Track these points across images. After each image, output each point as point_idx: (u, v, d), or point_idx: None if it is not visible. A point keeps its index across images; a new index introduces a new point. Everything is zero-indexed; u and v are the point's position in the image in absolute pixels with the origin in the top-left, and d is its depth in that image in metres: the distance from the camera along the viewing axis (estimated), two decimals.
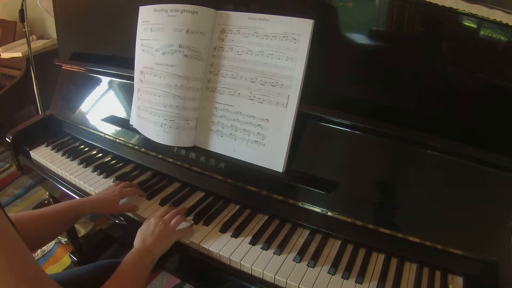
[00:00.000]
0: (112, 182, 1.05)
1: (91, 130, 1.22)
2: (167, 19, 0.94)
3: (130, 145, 1.12)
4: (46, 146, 1.27)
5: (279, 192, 0.89)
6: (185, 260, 0.89)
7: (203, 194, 1.02)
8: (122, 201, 0.96)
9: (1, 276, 0.49)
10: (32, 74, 1.53)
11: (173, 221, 0.86)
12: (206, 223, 0.90)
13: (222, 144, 0.95)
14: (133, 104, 1.08)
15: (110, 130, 1.16)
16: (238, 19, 0.90)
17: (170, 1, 0.93)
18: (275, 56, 0.86)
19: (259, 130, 0.89)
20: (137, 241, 0.81)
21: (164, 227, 0.83)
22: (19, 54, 2.05)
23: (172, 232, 0.84)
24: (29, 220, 0.80)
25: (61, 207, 0.87)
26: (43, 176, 1.18)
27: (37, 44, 2.12)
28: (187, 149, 0.99)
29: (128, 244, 0.79)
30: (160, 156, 1.05)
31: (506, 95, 0.74)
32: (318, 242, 0.85)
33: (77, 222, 0.99)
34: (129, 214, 0.96)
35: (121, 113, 1.16)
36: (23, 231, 0.76)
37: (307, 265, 0.78)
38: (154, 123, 0.99)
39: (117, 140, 1.15)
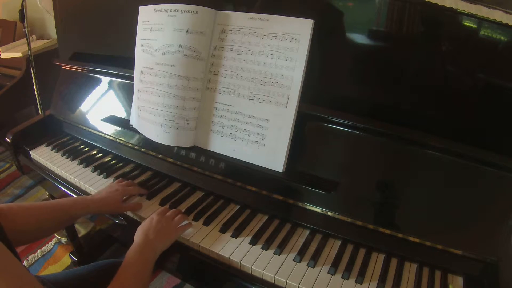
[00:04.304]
0: (112, 182, 1.05)
1: (91, 130, 1.22)
2: (167, 19, 0.94)
3: (130, 145, 1.12)
4: (46, 146, 1.27)
5: (279, 192, 0.89)
6: (185, 260, 0.89)
7: (203, 194, 1.02)
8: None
9: None
10: (32, 74, 1.53)
11: (176, 218, 0.87)
12: (206, 223, 0.90)
13: (222, 144, 0.95)
14: (133, 104, 1.08)
15: (110, 130, 1.16)
16: (238, 19, 0.90)
17: (170, 1, 0.93)
18: (275, 56, 0.85)
19: (259, 130, 0.89)
20: (138, 237, 0.80)
21: (167, 223, 0.84)
22: (19, 54, 2.05)
23: (174, 228, 0.84)
24: (30, 213, 0.80)
25: (64, 203, 0.87)
26: (43, 176, 1.18)
27: (37, 44, 2.12)
28: (187, 149, 0.99)
29: (128, 244, 0.78)
30: (160, 156, 1.05)
31: (506, 95, 0.74)
32: (318, 242, 0.85)
33: (76, 222, 0.99)
34: (129, 214, 0.96)
35: (121, 113, 1.16)
36: (24, 223, 0.78)
37: (307, 265, 0.78)
38: (154, 123, 0.99)
39: (117, 140, 1.15)
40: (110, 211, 0.94)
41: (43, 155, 1.22)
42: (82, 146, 1.26)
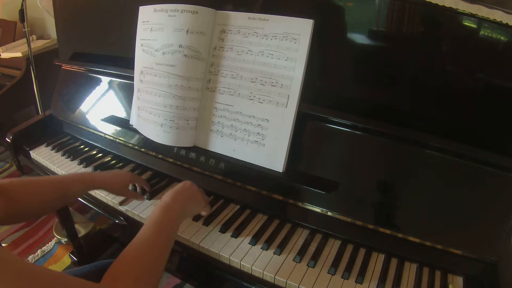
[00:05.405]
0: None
1: (91, 130, 1.23)
2: (167, 19, 0.94)
3: (130, 145, 1.12)
4: (46, 146, 1.27)
5: (279, 192, 0.89)
6: (185, 260, 0.89)
7: None
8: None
9: None
10: (32, 74, 1.53)
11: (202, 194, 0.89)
12: (206, 223, 0.90)
13: (222, 144, 0.95)
14: (133, 104, 1.08)
15: (110, 130, 1.16)
16: (238, 19, 0.90)
17: (170, 1, 0.94)
18: (275, 56, 0.85)
19: (259, 130, 0.89)
20: (167, 195, 0.77)
21: (198, 192, 0.85)
22: (19, 54, 2.04)
23: (202, 197, 0.86)
24: (33, 188, 0.79)
25: (69, 177, 0.87)
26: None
27: (37, 44, 2.12)
28: (187, 149, 0.99)
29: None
30: (160, 156, 1.05)
31: (506, 95, 0.74)
32: (318, 242, 0.85)
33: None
34: (129, 214, 0.96)
35: (121, 113, 1.16)
36: (26, 200, 0.76)
37: (307, 265, 0.78)
38: (154, 123, 0.99)
39: (117, 140, 1.15)
40: (113, 190, 0.94)
41: (43, 155, 1.22)
42: (82, 146, 1.26)
